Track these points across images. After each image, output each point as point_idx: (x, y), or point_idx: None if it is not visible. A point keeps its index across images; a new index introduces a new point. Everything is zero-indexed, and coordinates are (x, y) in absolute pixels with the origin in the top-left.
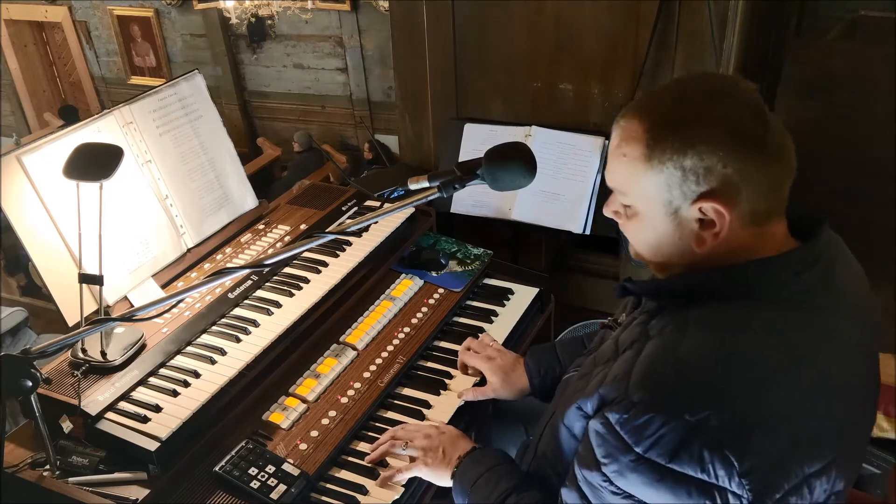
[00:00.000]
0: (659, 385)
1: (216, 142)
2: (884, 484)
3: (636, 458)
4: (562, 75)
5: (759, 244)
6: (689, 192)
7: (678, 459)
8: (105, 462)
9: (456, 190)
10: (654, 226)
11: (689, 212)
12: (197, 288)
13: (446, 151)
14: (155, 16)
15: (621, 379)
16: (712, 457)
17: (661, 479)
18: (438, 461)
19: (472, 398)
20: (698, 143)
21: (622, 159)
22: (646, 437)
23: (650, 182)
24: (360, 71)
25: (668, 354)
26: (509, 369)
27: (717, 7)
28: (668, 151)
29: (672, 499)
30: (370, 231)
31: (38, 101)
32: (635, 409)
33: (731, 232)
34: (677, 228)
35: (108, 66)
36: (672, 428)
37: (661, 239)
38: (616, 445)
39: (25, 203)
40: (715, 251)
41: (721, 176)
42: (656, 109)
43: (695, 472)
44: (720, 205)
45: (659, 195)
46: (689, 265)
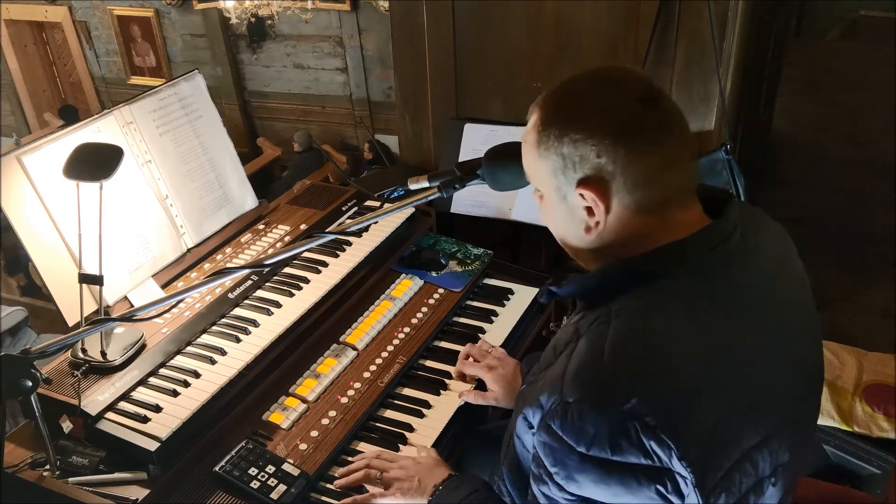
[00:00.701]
0: (589, 381)
1: (216, 142)
2: (884, 484)
3: (581, 458)
4: (562, 75)
5: (665, 232)
6: (570, 178)
7: (620, 450)
8: (105, 462)
9: (456, 190)
10: (553, 211)
11: (574, 198)
12: (197, 288)
13: (446, 151)
14: (155, 16)
15: (556, 382)
16: (649, 441)
17: (609, 474)
18: (413, 491)
19: (473, 401)
20: (573, 132)
21: (524, 146)
22: (585, 434)
23: (542, 168)
24: (360, 71)
25: (594, 350)
26: (511, 378)
27: (717, 7)
28: (552, 139)
29: (624, 491)
30: (370, 231)
31: (38, 101)
32: (570, 409)
33: (621, 220)
34: (570, 214)
35: (108, 66)
36: (607, 420)
37: (560, 224)
38: (561, 450)
39: (25, 203)
40: (615, 239)
41: (594, 165)
42: (549, 100)
43: (639, 459)
44: (594, 193)
45: (550, 181)
46: (596, 253)
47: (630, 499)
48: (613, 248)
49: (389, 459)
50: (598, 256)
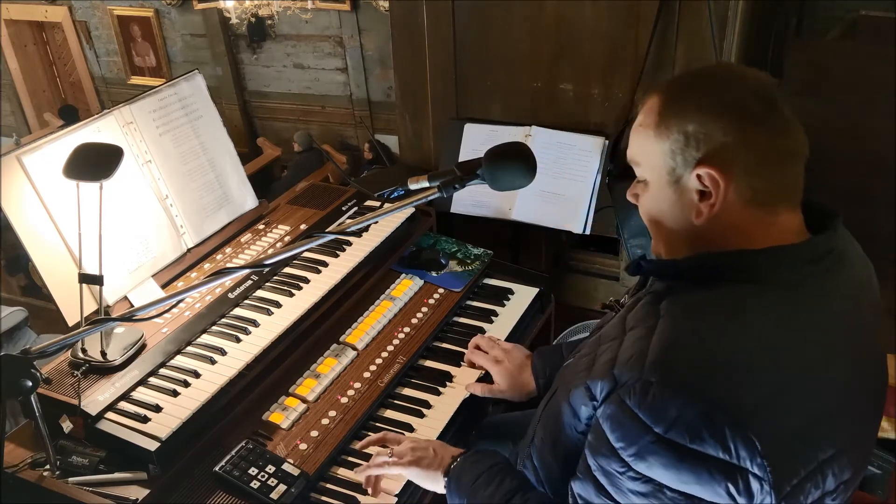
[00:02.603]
0: (677, 365)
1: (216, 142)
2: (884, 484)
3: (656, 439)
4: (562, 75)
5: (768, 231)
6: (690, 157)
7: (699, 439)
8: (105, 462)
9: (456, 190)
10: (659, 196)
11: (689, 180)
12: (197, 288)
13: (446, 151)
14: (155, 16)
15: (636, 360)
16: (734, 436)
17: (682, 460)
18: (430, 459)
19: (479, 394)
20: (702, 111)
21: (638, 130)
22: (666, 417)
23: (657, 149)
24: (360, 71)
25: (684, 335)
26: (517, 372)
27: (717, 7)
28: (675, 118)
29: (693, 480)
30: (370, 231)
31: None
32: (653, 389)
33: (730, 208)
34: (679, 199)
35: (108, 66)
36: (692, 407)
37: (664, 210)
38: (634, 428)
39: (25, 203)
40: (718, 229)
41: (720, 144)
42: (672, 85)
43: (716, 453)
44: (716, 172)
45: (664, 163)
46: (693, 242)
47: (697, 489)
48: (712, 238)
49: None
50: (692, 246)
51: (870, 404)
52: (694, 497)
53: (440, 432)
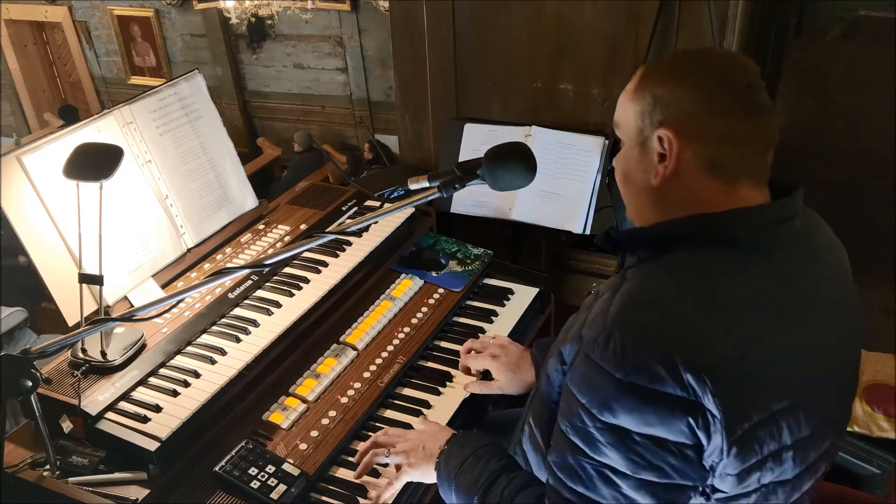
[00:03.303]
0: (636, 315)
1: (216, 142)
2: (884, 484)
3: (618, 385)
4: (562, 75)
5: (729, 200)
6: (655, 119)
7: (659, 380)
8: (105, 462)
9: (456, 190)
10: (628, 156)
11: (652, 141)
12: (197, 288)
13: (446, 151)
14: (155, 16)
15: (599, 317)
16: (687, 375)
17: (644, 403)
18: (421, 458)
19: (479, 391)
20: (675, 79)
21: (622, 95)
22: (626, 363)
23: (631, 111)
24: (360, 71)
25: (643, 289)
26: (515, 366)
27: (717, 7)
28: (650, 83)
29: (657, 421)
30: (370, 231)
31: (38, 101)
32: (613, 339)
33: (687, 173)
34: (643, 159)
35: (108, 66)
36: (651, 351)
37: (629, 169)
38: (598, 378)
39: (25, 203)
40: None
41: (682, 110)
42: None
43: (674, 391)
44: (673, 134)
45: (634, 123)
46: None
47: (661, 430)
48: (676, 204)
49: (394, 434)
50: (659, 211)
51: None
52: (659, 438)
53: None
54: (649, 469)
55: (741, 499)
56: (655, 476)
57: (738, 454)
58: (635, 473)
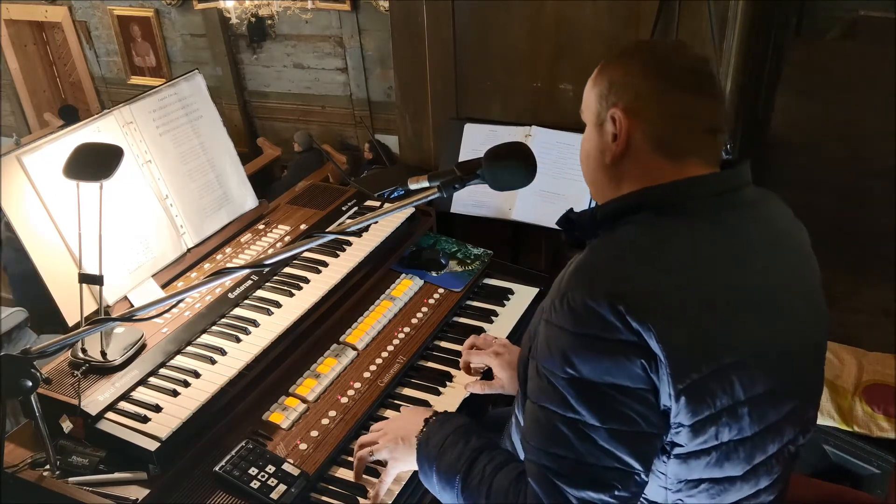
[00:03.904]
0: (584, 272)
1: (216, 142)
2: (884, 484)
3: (574, 338)
4: (562, 75)
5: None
6: (610, 102)
7: (610, 328)
8: (105, 462)
9: (456, 190)
10: (588, 137)
11: (607, 123)
12: (197, 288)
13: (446, 151)
14: (155, 16)
15: (555, 286)
16: (636, 323)
17: (601, 352)
18: (402, 449)
19: (480, 391)
20: (630, 65)
21: (587, 84)
22: (578, 317)
23: (592, 95)
24: (360, 71)
25: (593, 255)
26: (517, 365)
27: (717, 7)
28: (608, 69)
29: (615, 367)
30: (370, 231)
31: (38, 101)
32: (566, 299)
33: (637, 152)
34: (600, 139)
35: (108, 66)
36: (600, 304)
37: (588, 151)
38: (556, 336)
39: (25, 203)
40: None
41: (634, 93)
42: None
43: (626, 336)
44: (622, 113)
45: (594, 107)
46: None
47: (620, 376)
48: (628, 180)
49: (375, 430)
50: (614, 188)
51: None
52: (620, 386)
53: None
54: (617, 418)
55: (701, 456)
56: (624, 425)
57: (688, 403)
58: (604, 424)
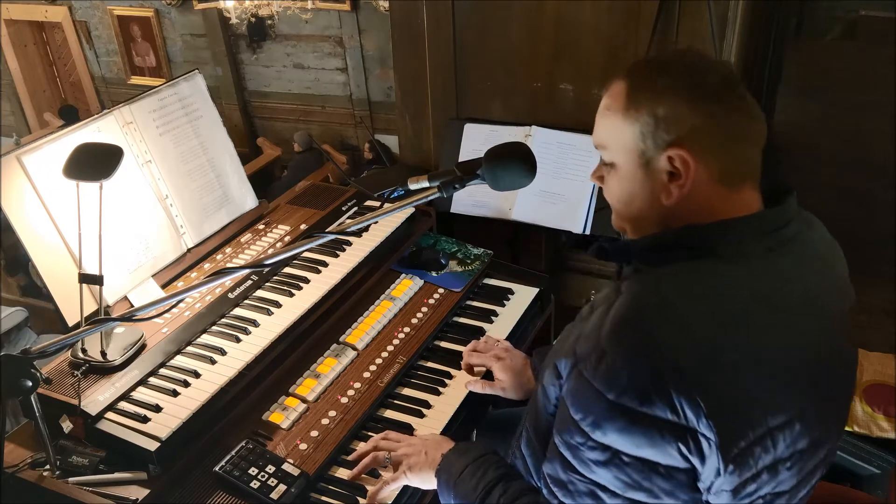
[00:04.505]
0: (628, 332)
1: (216, 142)
2: (884, 484)
3: (609, 405)
4: (562, 75)
5: (729, 206)
6: (661, 140)
7: (649, 402)
8: (105, 462)
9: (456, 190)
10: (629, 179)
11: (660, 162)
12: (197, 288)
13: (446, 151)
14: (155, 16)
15: (593, 333)
16: (680, 398)
17: (634, 424)
18: (422, 463)
19: (480, 390)
20: (670, 94)
21: (606, 114)
22: (617, 383)
23: (627, 133)
24: (360, 71)
25: (635, 305)
26: (519, 369)
27: (717, 7)
28: (644, 101)
29: (647, 444)
30: (370, 231)
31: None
32: (605, 357)
33: (698, 187)
34: (649, 180)
35: (108, 66)
36: (641, 372)
37: (634, 192)
38: (590, 396)
39: (25, 203)
40: (685, 207)
41: (689, 126)
42: (637, 70)
43: (665, 414)
44: (687, 153)
45: (634, 145)
46: (661, 221)
47: (651, 452)
48: (681, 217)
49: (395, 439)
50: (662, 226)
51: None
52: (649, 461)
53: (440, 433)
54: (638, 490)
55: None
56: (645, 496)
57: (734, 471)
58: (624, 493)
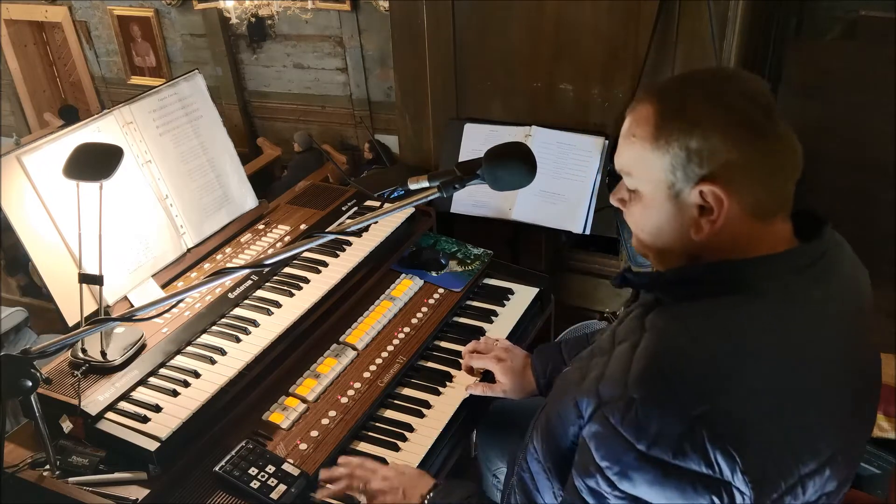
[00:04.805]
0: (658, 380)
1: (216, 142)
2: (884, 484)
3: (639, 456)
4: (562, 75)
5: (762, 240)
6: (692, 174)
7: (682, 455)
8: (105, 462)
9: (456, 190)
10: (656, 210)
11: (690, 196)
12: (197, 288)
13: (446, 151)
14: (155, 16)
15: (619, 376)
16: (715, 451)
17: (666, 476)
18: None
19: (480, 393)
20: (705, 125)
21: (631, 140)
22: (648, 433)
23: (656, 163)
24: (360, 71)
25: (665, 348)
26: (520, 371)
27: (717, 7)
28: (675, 132)
29: (678, 496)
30: (370, 231)
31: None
32: (635, 405)
33: (730, 222)
34: (678, 214)
35: (108, 66)
36: (674, 423)
37: (661, 224)
38: (618, 445)
39: (25, 203)
40: (715, 241)
41: (724, 160)
42: (668, 93)
43: (699, 468)
44: (720, 189)
45: (664, 177)
46: (688, 254)
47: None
48: (712, 250)
49: (372, 469)
50: (687, 258)
51: (860, 414)
52: None
53: (440, 432)
54: None
55: None
56: None
57: None
58: None
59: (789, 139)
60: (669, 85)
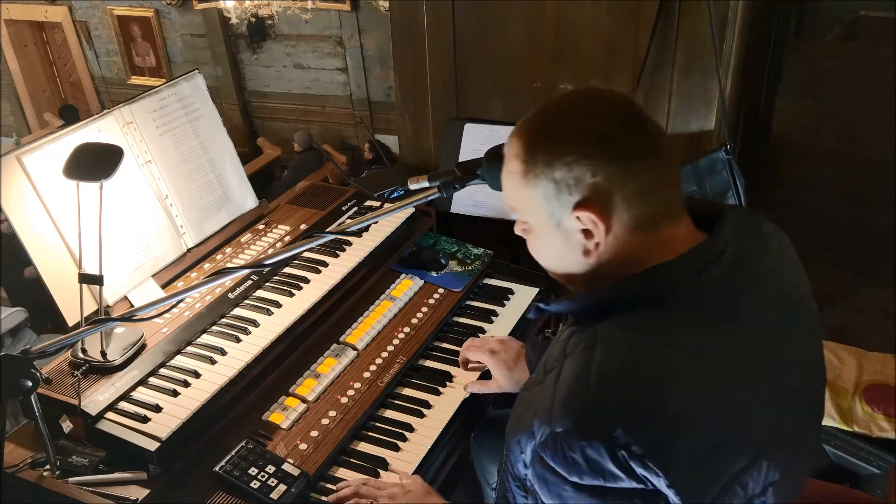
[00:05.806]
0: (575, 411)
1: (216, 142)
2: (884, 484)
3: (575, 487)
4: (562, 75)
5: (657, 249)
6: (566, 202)
7: (614, 477)
8: (105, 462)
9: (456, 190)
10: (546, 239)
11: (569, 223)
12: (197, 288)
13: (446, 151)
14: (155, 16)
15: (545, 411)
16: (639, 468)
17: (604, 500)
18: None
19: (478, 391)
20: (565, 154)
21: (508, 177)
22: (576, 464)
23: (532, 197)
24: (360, 71)
25: (580, 377)
26: (513, 363)
27: (717, 7)
28: (540, 165)
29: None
30: (370, 231)
31: (38, 101)
32: (559, 439)
33: (617, 239)
34: (566, 240)
35: (108, 66)
36: (598, 449)
37: (556, 252)
38: (555, 481)
39: (25, 203)
40: (609, 260)
41: (591, 185)
42: (530, 126)
43: (631, 484)
44: (593, 213)
45: (542, 208)
46: (590, 275)
47: None
48: (610, 268)
49: (377, 487)
50: (594, 279)
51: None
52: None
53: (440, 432)
54: None
55: None
56: None
57: None
58: None
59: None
60: (535, 118)
